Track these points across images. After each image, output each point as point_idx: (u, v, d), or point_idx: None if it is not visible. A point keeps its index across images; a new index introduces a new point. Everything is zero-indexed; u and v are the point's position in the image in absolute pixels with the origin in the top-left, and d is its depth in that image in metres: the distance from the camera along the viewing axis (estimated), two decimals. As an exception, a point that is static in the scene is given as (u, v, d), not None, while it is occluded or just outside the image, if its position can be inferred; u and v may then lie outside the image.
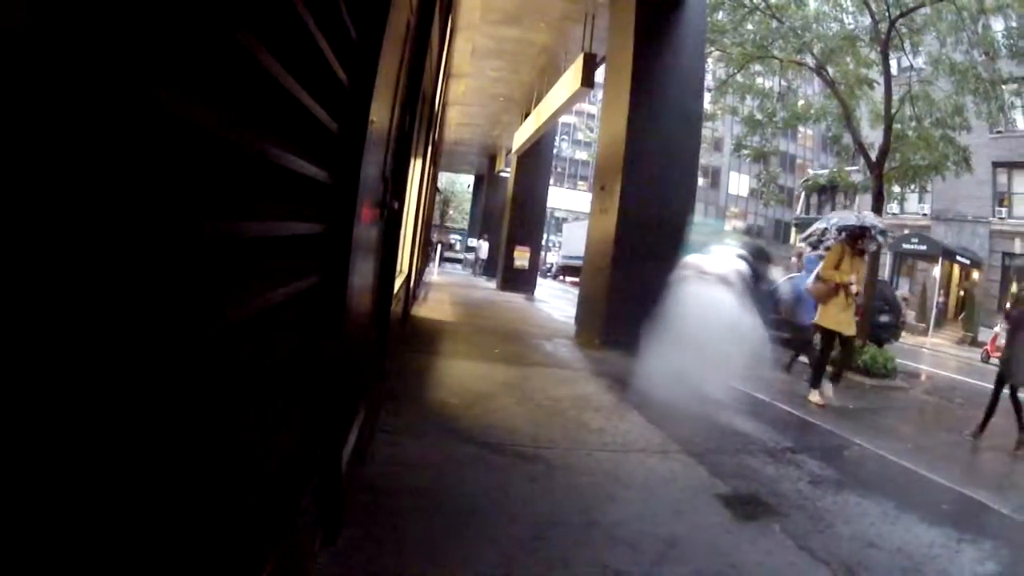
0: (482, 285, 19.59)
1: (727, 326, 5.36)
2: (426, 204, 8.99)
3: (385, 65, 1.87)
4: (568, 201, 47.86)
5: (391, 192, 2.68)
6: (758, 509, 2.98)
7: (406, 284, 6.55)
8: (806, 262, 7.80)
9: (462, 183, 44.78)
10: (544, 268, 31.49)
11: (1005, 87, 11.69)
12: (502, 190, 22.02)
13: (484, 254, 26.02)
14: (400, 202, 2.93)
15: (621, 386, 5.33)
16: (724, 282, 5.75)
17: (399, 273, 4.76)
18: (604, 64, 9.48)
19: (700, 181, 26.60)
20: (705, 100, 10.48)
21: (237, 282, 1.02)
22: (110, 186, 0.58)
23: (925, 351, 17.31)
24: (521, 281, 17.88)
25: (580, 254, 11.91)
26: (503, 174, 22.50)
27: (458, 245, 32.87)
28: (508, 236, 18.27)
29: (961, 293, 24.11)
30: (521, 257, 18.38)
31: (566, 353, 7.23)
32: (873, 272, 10.30)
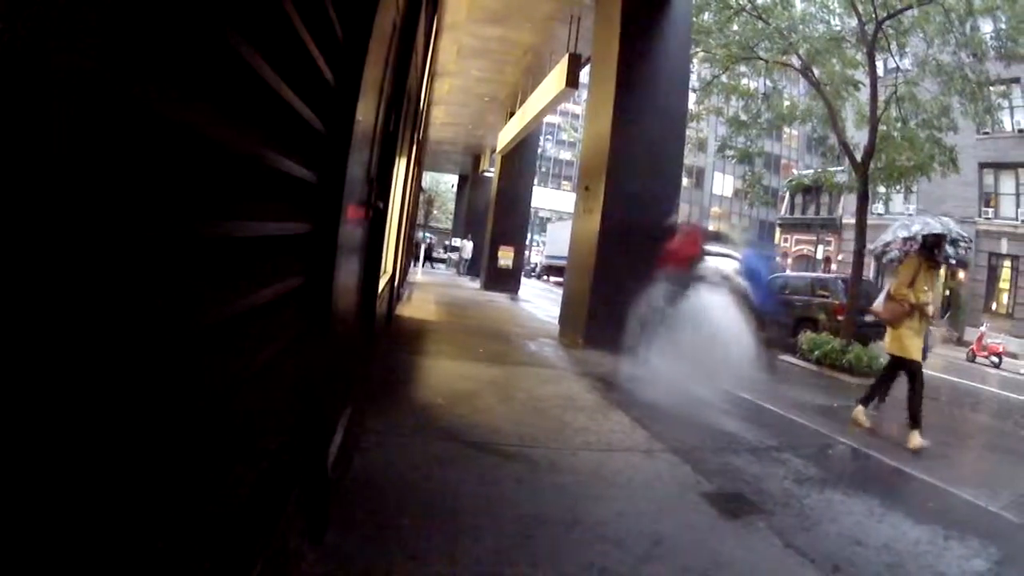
0: (466, 285, 19.56)
1: (716, 327, 5.38)
2: (410, 204, 8.96)
3: (371, 65, 1.87)
4: (552, 201, 47.97)
5: (376, 192, 2.68)
6: (743, 507, 3.01)
7: (390, 284, 6.53)
8: (748, 257, 6.78)
9: (446, 183, 44.66)
10: (528, 268, 31.53)
11: (993, 89, 11.81)
12: (486, 190, 22.04)
13: (468, 254, 26.03)
14: (385, 202, 2.92)
15: (605, 385, 5.36)
16: (719, 284, 5.75)
17: (384, 273, 4.74)
18: (589, 64, 9.51)
19: (684, 181, 26.78)
20: (690, 101, 10.53)
21: (222, 282, 1.02)
22: (95, 185, 0.57)
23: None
24: (505, 281, 17.90)
25: (564, 254, 11.94)
26: (487, 174, 22.51)
27: (442, 251, 32.82)
28: (492, 236, 18.28)
29: (947, 293, 24.46)
30: (505, 257, 18.40)
31: (550, 352, 7.25)
32: (858, 272, 10.41)
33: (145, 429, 0.73)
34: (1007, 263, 22.44)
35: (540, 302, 15.88)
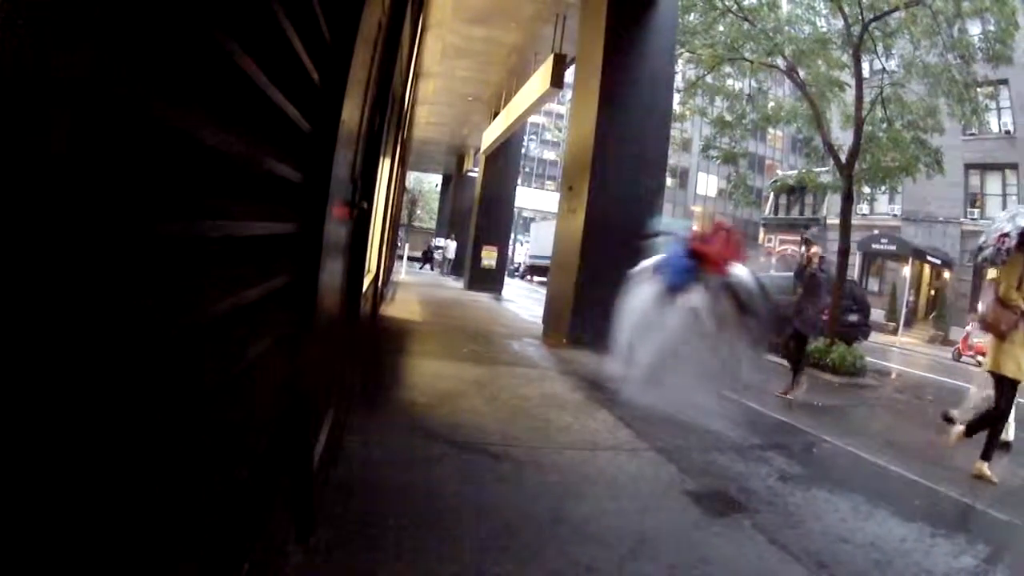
0: (450, 284, 19.54)
1: (704, 328, 5.38)
2: (394, 203, 8.93)
3: (357, 64, 1.87)
4: (536, 201, 48.00)
5: (361, 192, 2.67)
6: (728, 505, 3.05)
7: (375, 283, 6.51)
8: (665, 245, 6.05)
9: (430, 182, 44.52)
10: (512, 268, 31.51)
11: (980, 90, 11.94)
12: (470, 190, 22.03)
13: (452, 254, 26.01)
14: (370, 202, 2.92)
15: (589, 384, 5.39)
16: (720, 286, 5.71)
17: (368, 272, 4.72)
18: (574, 64, 9.54)
19: (668, 181, 26.95)
20: (675, 101, 10.57)
21: (207, 282, 1.02)
22: (79, 185, 0.57)
23: (895, 350, 17.80)
24: (489, 280, 17.91)
25: (548, 254, 11.96)
26: (471, 174, 22.50)
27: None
28: (476, 236, 18.27)
29: (932, 293, 24.79)
30: (489, 257, 18.42)
31: (534, 352, 7.27)
32: (842, 271, 10.51)
33: (130, 429, 0.73)
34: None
35: (524, 302, 15.91)
